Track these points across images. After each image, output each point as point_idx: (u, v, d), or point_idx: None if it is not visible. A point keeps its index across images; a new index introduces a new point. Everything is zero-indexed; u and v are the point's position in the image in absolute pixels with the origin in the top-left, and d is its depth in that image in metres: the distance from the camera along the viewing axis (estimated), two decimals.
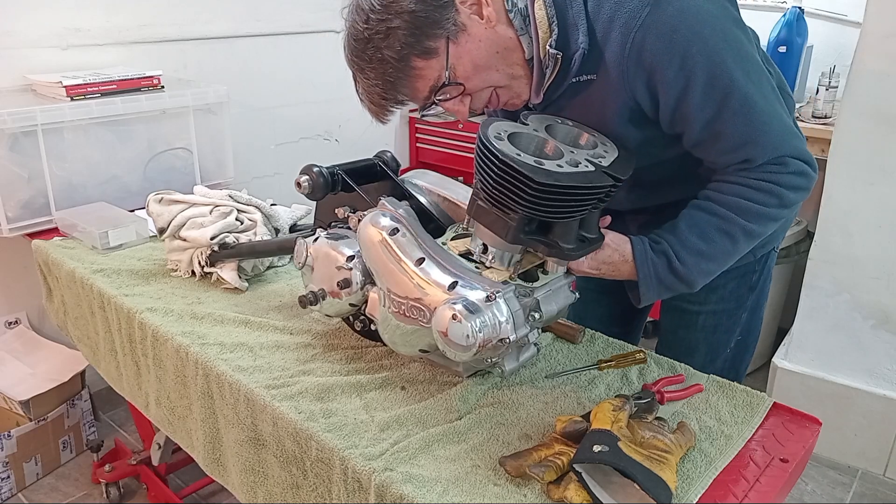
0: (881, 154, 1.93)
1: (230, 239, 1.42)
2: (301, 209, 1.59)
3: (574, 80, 1.03)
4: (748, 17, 1.43)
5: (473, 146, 0.94)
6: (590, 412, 0.93)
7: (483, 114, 1.18)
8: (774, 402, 1.05)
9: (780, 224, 1.12)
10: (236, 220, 1.47)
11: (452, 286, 0.96)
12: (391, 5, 0.96)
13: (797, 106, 2.40)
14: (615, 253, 1.05)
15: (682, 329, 1.37)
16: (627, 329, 1.49)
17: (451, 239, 1.08)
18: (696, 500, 0.86)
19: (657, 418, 0.96)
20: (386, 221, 1.03)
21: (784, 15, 2.50)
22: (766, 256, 1.31)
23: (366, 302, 1.10)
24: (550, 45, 1.00)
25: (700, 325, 1.35)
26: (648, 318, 3.00)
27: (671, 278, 1.06)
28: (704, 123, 0.99)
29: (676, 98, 0.98)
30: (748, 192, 1.03)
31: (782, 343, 2.33)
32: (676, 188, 1.14)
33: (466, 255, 1.04)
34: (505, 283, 0.98)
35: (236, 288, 1.41)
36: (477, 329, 0.90)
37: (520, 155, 0.90)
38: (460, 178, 1.21)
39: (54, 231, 1.74)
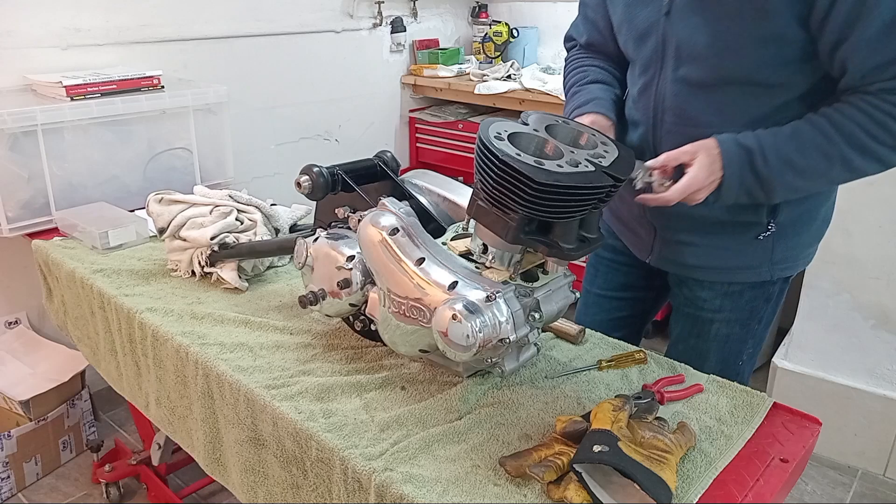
0: None
1: (230, 239, 1.42)
2: (301, 209, 1.59)
3: None
4: None
5: (473, 146, 0.94)
6: (590, 412, 0.93)
7: None
8: (774, 402, 1.05)
9: (883, 169, 1.06)
10: (236, 220, 1.47)
11: (452, 286, 0.96)
12: None
13: None
14: (710, 153, 1.03)
15: (693, 337, 1.34)
16: (629, 332, 1.47)
17: (451, 239, 1.08)
18: (696, 500, 0.86)
19: (657, 418, 0.96)
20: (386, 221, 1.03)
21: None
22: (784, 279, 1.28)
23: (366, 302, 1.10)
24: None
25: (713, 334, 1.31)
26: None
27: (751, 177, 1.04)
28: (888, 21, 0.95)
29: None
30: (868, 124, 1.00)
31: (782, 343, 2.33)
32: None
33: (466, 255, 1.04)
34: (505, 283, 0.98)
35: (236, 288, 1.41)
36: (477, 329, 0.90)
37: (520, 155, 0.90)
38: (460, 178, 1.21)
39: (54, 231, 1.74)
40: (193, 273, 1.46)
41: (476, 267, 1.01)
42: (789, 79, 1.07)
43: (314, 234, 1.17)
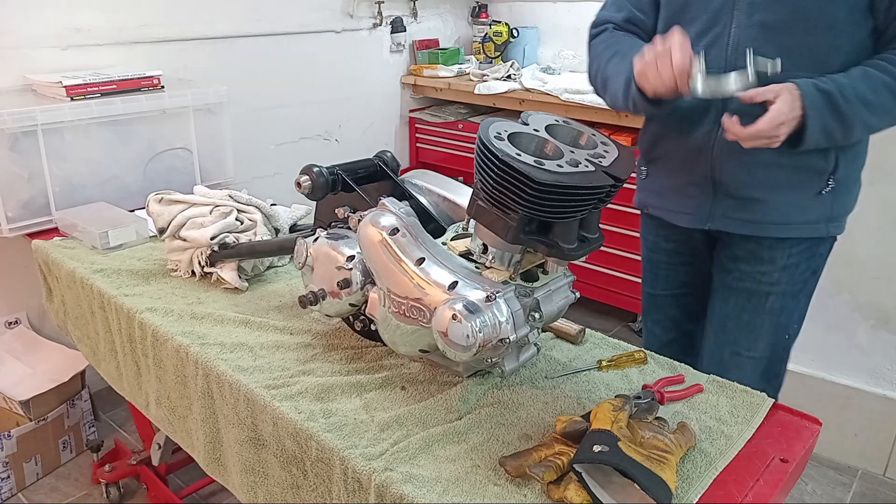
0: (881, 154, 1.92)
1: (230, 239, 1.42)
2: (301, 209, 1.59)
3: None
4: None
5: (473, 146, 0.94)
6: (590, 412, 0.93)
7: None
8: (774, 402, 1.05)
9: None
10: (236, 220, 1.47)
11: (452, 286, 0.96)
12: None
13: None
14: (792, 92, 1.12)
15: (747, 312, 1.38)
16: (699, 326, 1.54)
17: (451, 239, 1.08)
18: (696, 500, 0.86)
19: (657, 418, 0.96)
20: (386, 221, 1.03)
21: None
22: (832, 241, 1.36)
23: (366, 302, 1.10)
24: None
25: (768, 308, 1.36)
26: None
27: (831, 117, 1.13)
28: None
29: None
30: None
31: None
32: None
33: (466, 255, 1.04)
34: (505, 283, 0.98)
35: (236, 288, 1.41)
36: (477, 329, 0.90)
37: (520, 155, 0.90)
38: (460, 178, 1.21)
39: (54, 231, 1.74)
40: (193, 273, 1.46)
41: (476, 267, 1.01)
42: (850, 24, 1.16)
43: (314, 234, 1.17)
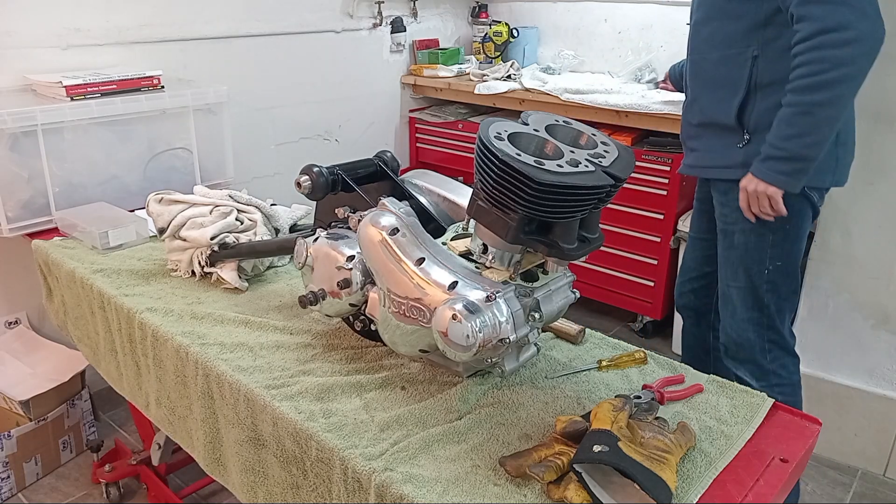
0: (881, 154, 1.93)
1: (230, 239, 1.42)
2: (301, 209, 1.60)
3: None
4: None
5: (473, 146, 0.94)
6: (590, 412, 0.93)
7: None
8: (774, 402, 1.05)
9: (840, 90, 1.36)
10: (236, 220, 1.47)
11: (452, 286, 0.96)
12: None
13: None
14: (748, 176, 1.49)
15: (726, 249, 1.65)
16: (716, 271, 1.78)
17: (451, 239, 1.08)
18: (696, 500, 0.86)
19: (657, 418, 0.96)
20: (386, 221, 1.03)
21: None
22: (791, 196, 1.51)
23: (366, 302, 1.10)
24: None
25: (735, 243, 1.62)
26: (648, 319, 3.00)
27: (782, 165, 1.43)
28: None
29: None
30: (796, 69, 1.37)
31: None
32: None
33: (466, 255, 1.04)
34: (505, 283, 0.98)
35: (236, 288, 1.41)
36: (477, 329, 0.90)
37: (520, 155, 0.90)
38: (460, 178, 1.21)
39: (54, 231, 1.74)
40: (193, 273, 1.46)
41: (476, 267, 1.01)
42: (747, 11, 1.48)
43: (314, 234, 1.17)
